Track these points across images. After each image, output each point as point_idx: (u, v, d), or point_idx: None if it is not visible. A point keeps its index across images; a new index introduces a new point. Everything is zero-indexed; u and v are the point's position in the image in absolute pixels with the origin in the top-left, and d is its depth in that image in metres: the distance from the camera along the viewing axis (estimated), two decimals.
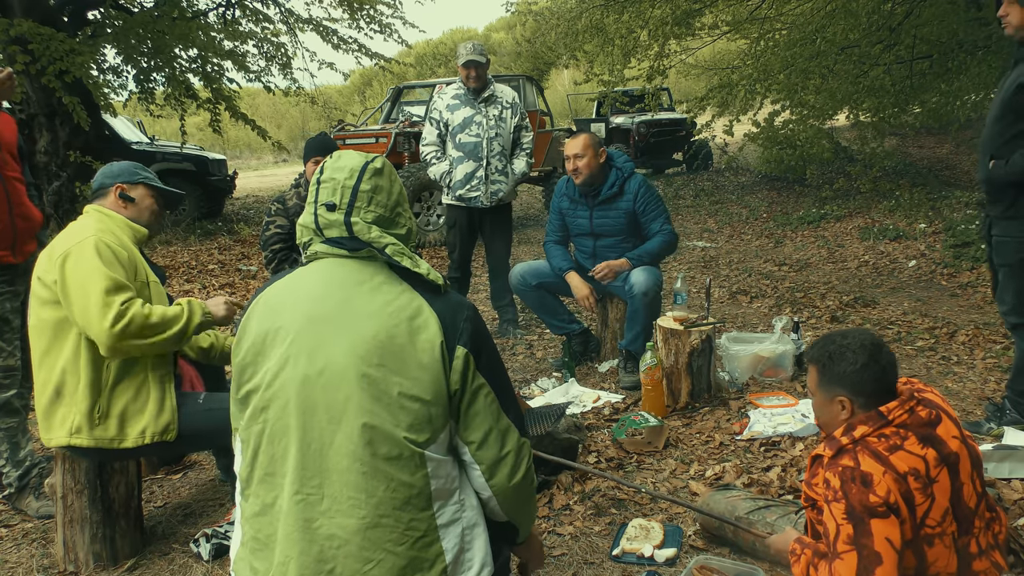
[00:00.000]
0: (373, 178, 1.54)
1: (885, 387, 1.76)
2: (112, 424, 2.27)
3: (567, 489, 2.73)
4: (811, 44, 8.38)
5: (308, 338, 1.46)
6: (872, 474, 1.64)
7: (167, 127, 20.22)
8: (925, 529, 1.67)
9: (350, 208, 1.51)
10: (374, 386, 1.41)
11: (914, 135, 14.27)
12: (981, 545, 1.76)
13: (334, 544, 1.42)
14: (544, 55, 20.38)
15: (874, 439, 1.70)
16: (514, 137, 4.64)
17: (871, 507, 1.62)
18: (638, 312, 3.74)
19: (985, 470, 2.55)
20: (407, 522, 1.44)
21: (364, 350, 1.42)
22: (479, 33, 37.70)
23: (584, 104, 17.68)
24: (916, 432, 1.71)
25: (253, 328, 1.52)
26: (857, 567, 1.62)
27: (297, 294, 1.52)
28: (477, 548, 1.54)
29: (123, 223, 2.44)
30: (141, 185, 2.51)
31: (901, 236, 7.21)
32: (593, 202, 3.95)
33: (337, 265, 1.52)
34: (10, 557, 2.50)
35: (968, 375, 3.74)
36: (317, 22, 9.95)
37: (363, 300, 1.47)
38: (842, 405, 1.77)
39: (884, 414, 1.72)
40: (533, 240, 8.75)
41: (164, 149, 10.59)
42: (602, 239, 3.99)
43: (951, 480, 1.70)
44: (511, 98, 4.62)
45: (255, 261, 7.64)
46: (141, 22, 7.85)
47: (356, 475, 1.41)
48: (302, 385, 1.44)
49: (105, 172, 2.51)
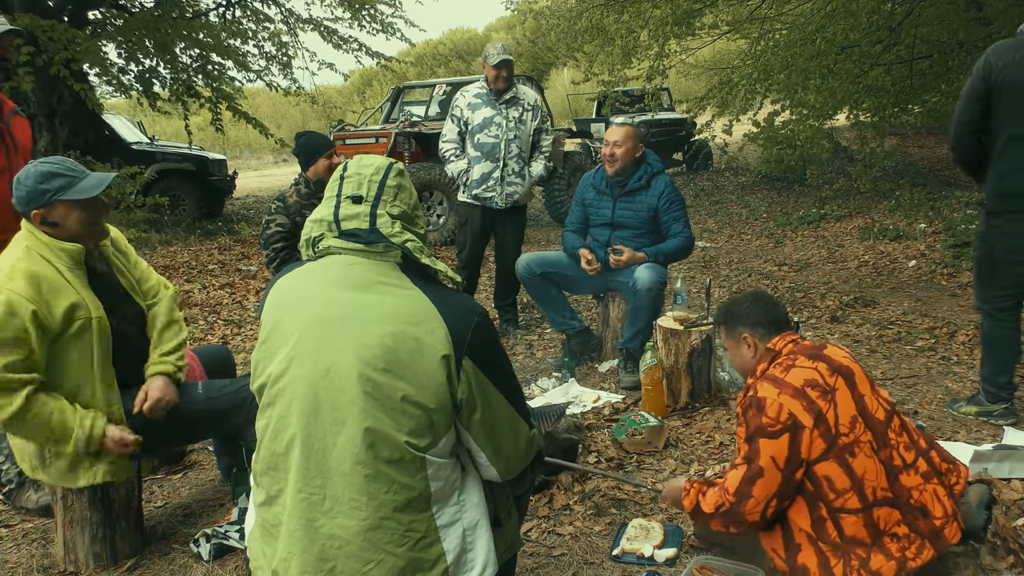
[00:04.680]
0: (398, 177, 1.57)
1: (775, 317, 2.08)
2: (62, 465, 2.25)
3: (567, 489, 2.73)
4: (811, 44, 8.37)
5: (315, 338, 1.46)
6: (765, 398, 1.89)
7: (167, 127, 20.26)
8: (842, 438, 1.84)
9: (377, 200, 1.53)
10: (378, 390, 1.42)
11: (914, 135, 14.27)
12: (906, 459, 1.91)
13: (335, 544, 1.44)
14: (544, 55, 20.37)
15: (771, 369, 1.98)
16: (533, 140, 4.64)
17: (762, 427, 1.87)
18: (641, 309, 3.74)
19: (985, 470, 2.55)
20: (407, 523, 1.45)
21: (370, 354, 1.42)
22: (479, 33, 37.69)
23: (584, 104, 17.66)
24: (804, 353, 1.98)
25: (266, 321, 1.55)
26: (742, 477, 1.89)
27: (306, 291, 1.52)
28: (479, 548, 1.54)
29: (55, 247, 2.18)
30: (57, 204, 2.16)
31: (901, 236, 7.21)
32: (618, 192, 4.00)
33: (348, 264, 1.52)
34: (10, 557, 2.50)
35: (968, 375, 3.74)
36: (318, 22, 9.95)
37: (372, 302, 1.46)
38: (747, 342, 2.08)
39: (772, 348, 2.03)
40: (533, 240, 8.74)
41: (164, 149, 10.59)
42: (619, 230, 4.00)
43: (850, 389, 1.91)
44: (533, 100, 4.63)
45: (255, 261, 7.64)
46: (142, 21, 7.85)
47: (358, 477, 1.42)
48: (307, 385, 1.45)
49: (17, 196, 2.16)
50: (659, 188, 3.95)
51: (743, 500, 1.88)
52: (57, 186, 2.16)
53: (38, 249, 2.18)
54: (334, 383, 1.43)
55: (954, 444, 2.89)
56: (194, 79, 9.02)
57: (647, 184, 3.96)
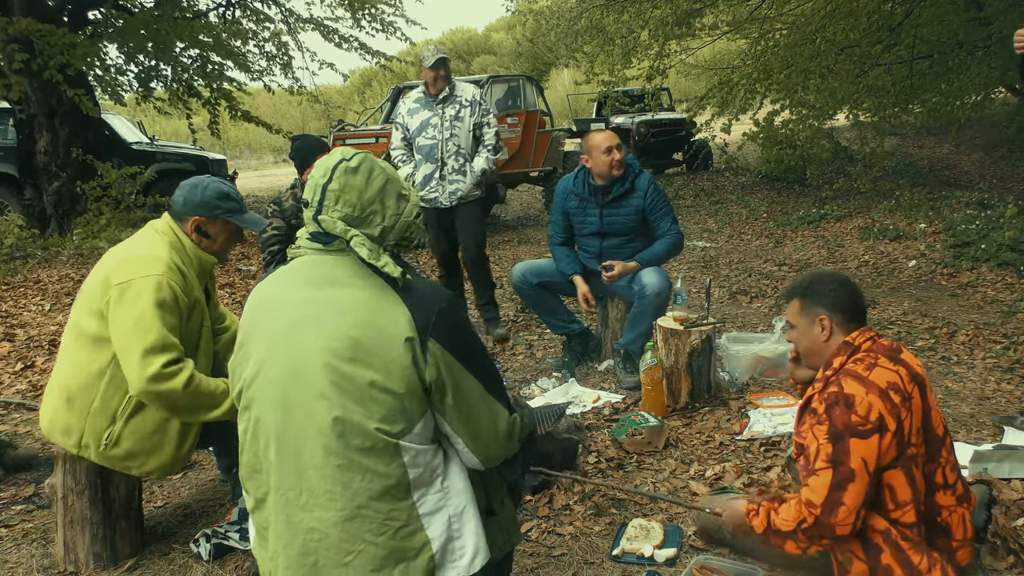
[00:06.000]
0: (343, 176, 1.54)
1: (858, 307, 1.92)
2: (119, 453, 2.26)
3: (567, 489, 2.73)
4: (811, 44, 8.38)
5: (285, 339, 1.50)
6: (854, 395, 1.74)
7: (167, 127, 20.25)
8: (910, 448, 1.75)
9: (320, 205, 1.54)
10: (345, 380, 1.44)
11: (914, 135, 14.29)
12: (948, 479, 1.83)
13: (315, 537, 1.46)
14: (544, 55, 20.39)
15: (851, 364, 1.82)
16: (475, 135, 4.60)
17: (852, 426, 1.71)
18: (646, 312, 3.73)
19: (985, 470, 2.55)
20: (386, 512, 1.46)
21: (336, 346, 1.45)
22: (479, 33, 37.72)
23: (584, 104, 17.67)
24: (885, 354, 1.84)
25: (242, 327, 1.60)
26: (831, 482, 1.70)
27: (280, 296, 1.57)
28: (467, 535, 1.54)
29: (194, 253, 2.36)
30: (220, 221, 2.38)
31: (901, 236, 7.21)
32: (603, 200, 3.93)
33: (314, 263, 1.56)
34: (10, 557, 2.50)
35: (968, 375, 3.74)
36: (318, 21, 9.96)
37: (336, 296, 1.50)
38: (822, 325, 1.90)
39: (851, 343, 1.87)
40: (533, 240, 8.74)
41: (164, 149, 10.58)
42: (609, 239, 3.95)
43: (922, 400, 1.81)
44: (471, 96, 4.59)
45: (255, 261, 7.64)
46: (142, 22, 7.86)
47: (331, 468, 1.44)
48: (278, 384, 1.49)
49: (187, 197, 2.35)
50: (643, 187, 3.91)
51: (834, 510, 1.69)
52: (228, 208, 2.39)
53: (178, 249, 2.33)
54: (303, 379, 1.46)
55: (954, 444, 2.89)
56: (194, 79, 9.03)
57: (632, 187, 3.90)
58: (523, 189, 12.30)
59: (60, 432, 2.27)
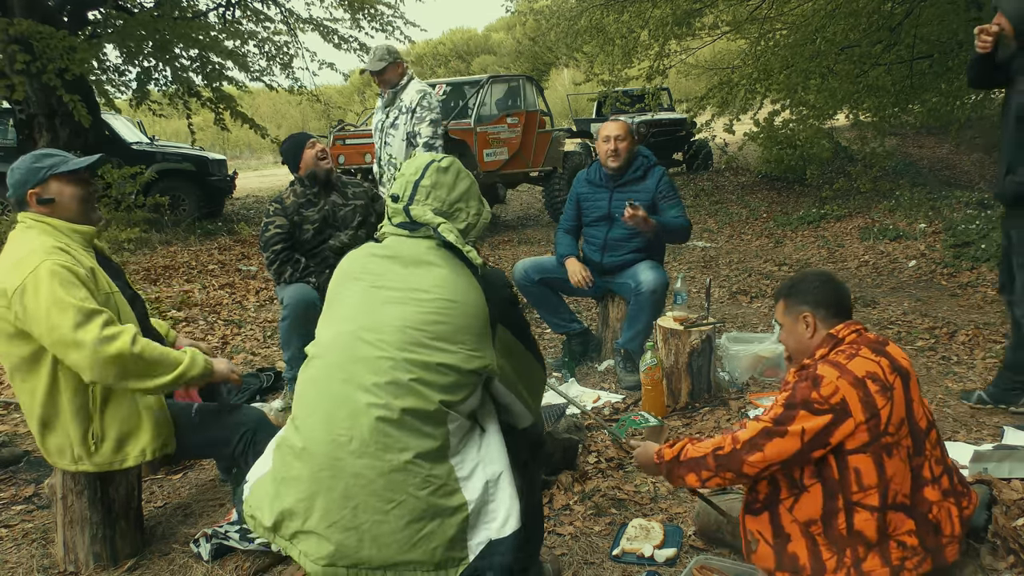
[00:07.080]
0: (435, 174, 1.75)
1: (842, 302, 1.98)
2: (109, 447, 2.25)
3: (567, 489, 2.73)
4: (811, 44, 8.38)
5: (365, 301, 1.68)
6: (824, 376, 1.80)
7: (167, 127, 20.25)
8: (886, 437, 1.78)
9: (411, 200, 1.74)
10: (419, 351, 1.59)
11: (914, 135, 14.29)
12: (934, 472, 1.86)
13: (360, 483, 1.55)
14: (544, 55, 20.38)
15: (833, 355, 1.88)
16: (414, 143, 4.49)
17: (809, 401, 1.78)
18: (643, 310, 3.74)
19: (985, 470, 2.55)
20: (428, 469, 1.57)
21: (417, 319, 1.61)
22: (479, 33, 37.72)
23: (584, 104, 17.67)
24: (868, 346, 1.89)
25: (329, 291, 1.79)
26: (762, 430, 1.81)
27: (366, 264, 1.75)
28: (501, 500, 1.65)
29: (66, 228, 2.24)
30: (51, 180, 2.23)
31: (901, 236, 7.21)
32: (614, 184, 3.97)
33: (400, 242, 1.74)
34: (10, 557, 2.50)
35: (968, 375, 3.74)
36: (318, 22, 9.96)
37: (422, 275, 1.67)
38: (806, 322, 1.97)
39: (835, 335, 1.92)
40: (533, 240, 8.75)
41: (164, 149, 10.59)
42: (616, 228, 3.95)
43: (905, 392, 1.84)
44: (409, 102, 4.46)
45: (255, 261, 7.63)
46: (142, 22, 7.86)
47: (385, 424, 1.57)
48: (350, 339, 1.64)
49: (10, 183, 2.23)
50: (656, 176, 3.97)
51: (752, 451, 1.80)
52: (50, 164, 2.25)
53: (48, 231, 2.20)
54: (379, 338, 1.61)
55: (954, 444, 2.89)
56: (194, 80, 9.03)
57: (644, 176, 3.96)
58: (523, 189, 12.30)
59: (55, 455, 2.28)
